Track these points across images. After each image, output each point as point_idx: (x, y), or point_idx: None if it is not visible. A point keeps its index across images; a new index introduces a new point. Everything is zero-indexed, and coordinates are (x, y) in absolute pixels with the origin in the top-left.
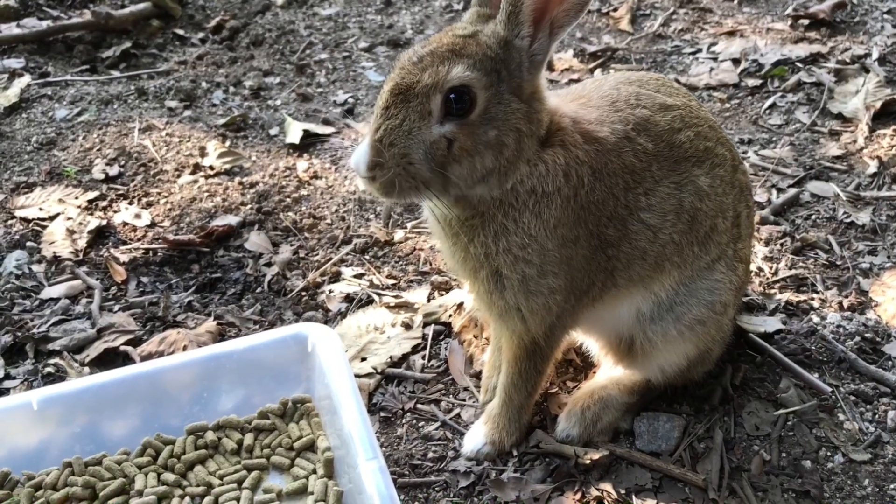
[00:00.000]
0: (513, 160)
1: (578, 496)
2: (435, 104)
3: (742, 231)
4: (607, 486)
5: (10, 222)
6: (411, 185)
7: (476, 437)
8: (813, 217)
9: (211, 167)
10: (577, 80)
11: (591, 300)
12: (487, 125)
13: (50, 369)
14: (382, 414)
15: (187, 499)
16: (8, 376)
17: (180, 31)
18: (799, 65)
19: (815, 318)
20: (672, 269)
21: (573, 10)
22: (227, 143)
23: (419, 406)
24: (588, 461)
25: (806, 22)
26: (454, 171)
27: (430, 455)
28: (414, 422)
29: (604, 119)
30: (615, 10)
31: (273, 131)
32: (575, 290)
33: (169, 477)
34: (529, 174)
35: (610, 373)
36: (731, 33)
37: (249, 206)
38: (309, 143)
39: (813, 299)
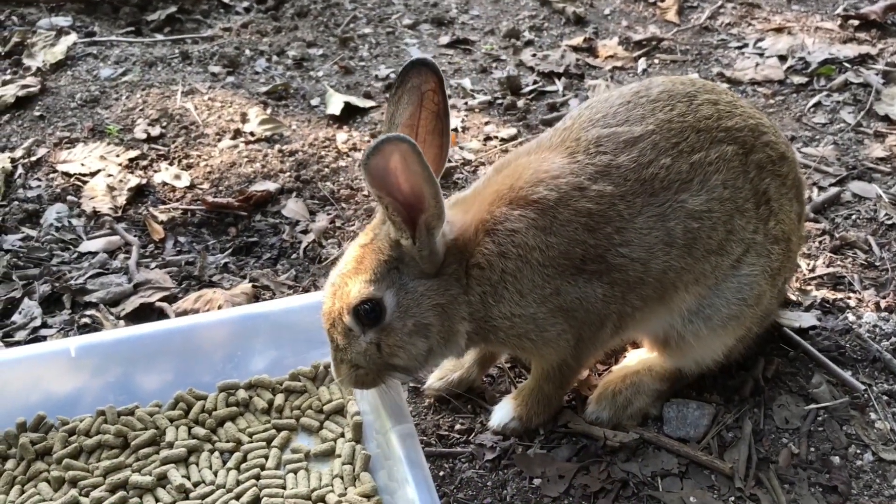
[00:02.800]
0: (445, 330)
1: (604, 476)
2: (351, 322)
3: (774, 205)
4: (633, 469)
5: (51, 176)
6: (374, 381)
7: (504, 411)
8: (853, 217)
9: (252, 133)
10: (621, 69)
11: (615, 328)
12: (404, 318)
13: (86, 320)
14: (412, 384)
15: (216, 453)
16: (45, 325)
17: None
18: (847, 65)
19: (851, 317)
20: (688, 285)
21: (436, 217)
22: (269, 111)
23: None
24: (617, 444)
25: (856, 22)
26: (397, 362)
27: (458, 427)
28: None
29: (542, 178)
30: (662, 0)
31: (314, 102)
32: (589, 321)
33: (199, 431)
34: (478, 277)
35: (642, 357)
36: (779, 30)
37: (288, 173)
38: (349, 115)
39: (850, 298)
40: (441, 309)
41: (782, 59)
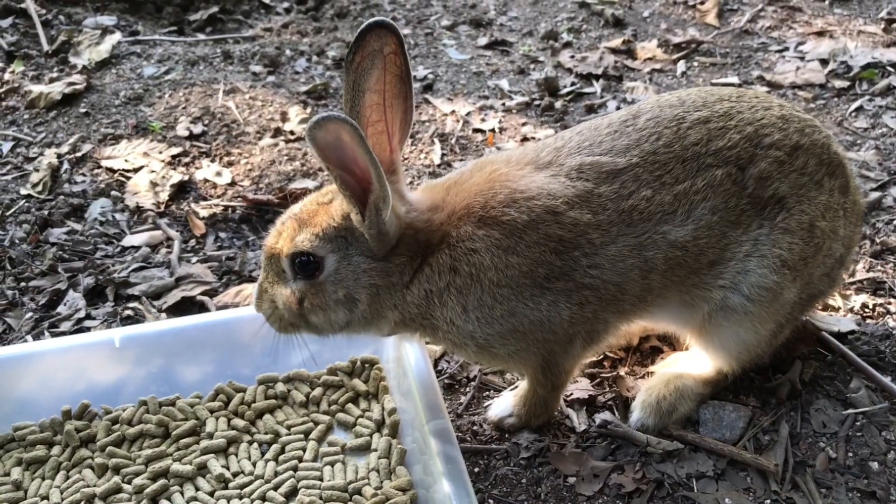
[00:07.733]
0: (371, 312)
1: (639, 476)
2: (285, 265)
3: (789, 201)
4: (668, 469)
5: (96, 171)
6: (285, 326)
7: (504, 405)
8: (895, 222)
9: (291, 132)
10: (660, 71)
11: (590, 343)
12: (337, 285)
13: (129, 313)
14: (447, 381)
15: (255, 445)
16: (89, 316)
17: (266, 0)
18: (890, 69)
19: (892, 322)
20: (680, 294)
21: (381, 199)
22: (308, 110)
23: (484, 376)
24: (660, 451)
25: None
26: (313, 320)
27: None
28: (478, 391)
29: (516, 199)
30: (702, 2)
31: None
32: (555, 340)
33: (239, 423)
34: (419, 281)
35: (683, 361)
36: (821, 33)
37: (327, 171)
38: None
39: (890, 303)
40: (376, 291)
41: (824, 62)
